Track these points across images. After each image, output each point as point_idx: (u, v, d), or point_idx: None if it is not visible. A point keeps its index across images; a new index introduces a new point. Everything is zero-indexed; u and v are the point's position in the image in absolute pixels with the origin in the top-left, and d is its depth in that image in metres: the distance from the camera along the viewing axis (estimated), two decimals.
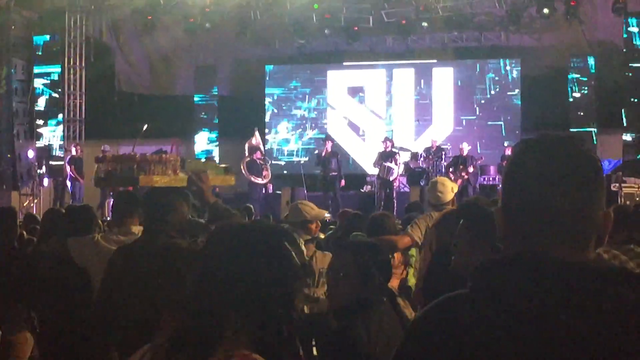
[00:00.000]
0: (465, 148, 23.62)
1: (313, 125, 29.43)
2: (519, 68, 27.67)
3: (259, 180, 23.33)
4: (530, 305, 1.89)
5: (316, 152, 24.76)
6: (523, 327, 1.87)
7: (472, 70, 28.25)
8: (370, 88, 28.80)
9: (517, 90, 27.71)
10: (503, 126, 27.61)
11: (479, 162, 23.60)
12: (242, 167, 23.27)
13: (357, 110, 28.79)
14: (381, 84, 28.76)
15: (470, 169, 22.87)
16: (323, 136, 28.10)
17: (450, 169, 22.99)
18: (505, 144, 25.95)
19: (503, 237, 2.09)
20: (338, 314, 4.37)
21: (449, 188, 8.52)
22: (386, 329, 4.14)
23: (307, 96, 29.55)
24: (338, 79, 29.16)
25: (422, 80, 28.39)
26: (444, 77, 28.28)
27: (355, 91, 28.89)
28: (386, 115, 28.62)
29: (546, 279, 1.91)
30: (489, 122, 27.75)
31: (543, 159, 2.04)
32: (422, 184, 22.81)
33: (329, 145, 23.88)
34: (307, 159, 28.31)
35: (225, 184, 7.35)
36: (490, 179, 24.33)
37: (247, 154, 24.14)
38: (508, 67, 28.00)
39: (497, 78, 27.97)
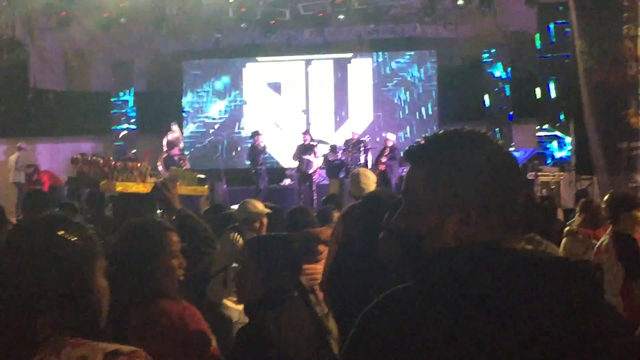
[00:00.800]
0: (390, 138, 23.67)
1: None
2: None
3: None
4: (484, 296, 1.91)
5: (250, 146, 24.61)
6: (476, 319, 1.89)
7: (386, 62, 28.47)
8: (288, 82, 28.78)
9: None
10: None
11: (388, 153, 23.58)
12: (158, 163, 23.09)
13: (275, 104, 28.74)
14: (299, 77, 28.75)
15: (384, 159, 22.93)
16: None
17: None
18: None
19: (456, 231, 2.06)
20: (248, 308, 4.37)
21: (372, 179, 8.55)
22: (296, 324, 4.14)
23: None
24: (255, 73, 29.07)
25: (340, 72, 28.50)
26: (361, 69, 28.40)
27: (273, 85, 28.86)
28: (305, 109, 28.63)
29: (500, 269, 1.94)
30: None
31: (490, 153, 2.09)
32: (341, 176, 22.82)
33: (260, 139, 23.83)
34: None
35: (196, 193, 7.46)
36: None
37: (165, 149, 23.96)
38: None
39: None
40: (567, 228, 10.22)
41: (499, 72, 26.35)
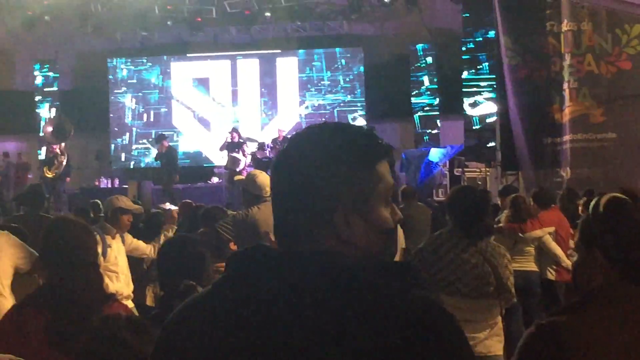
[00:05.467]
0: None
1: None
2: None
3: (47, 174, 22.79)
4: (249, 300, 1.85)
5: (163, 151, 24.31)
6: (248, 324, 1.83)
7: (315, 59, 28.49)
8: (215, 79, 28.68)
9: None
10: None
11: None
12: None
13: (202, 101, 28.63)
14: (226, 74, 28.66)
15: None
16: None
17: None
18: None
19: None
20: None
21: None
22: None
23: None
24: (182, 71, 28.91)
25: (266, 70, 28.48)
26: (288, 67, 28.41)
27: (201, 82, 28.72)
28: (232, 106, 28.56)
29: (258, 272, 1.89)
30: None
31: (286, 151, 2.05)
32: (269, 174, 22.74)
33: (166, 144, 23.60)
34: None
35: None
36: None
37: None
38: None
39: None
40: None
41: (425, 68, 26.54)
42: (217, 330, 1.86)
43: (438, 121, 26.28)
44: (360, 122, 27.24)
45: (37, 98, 28.60)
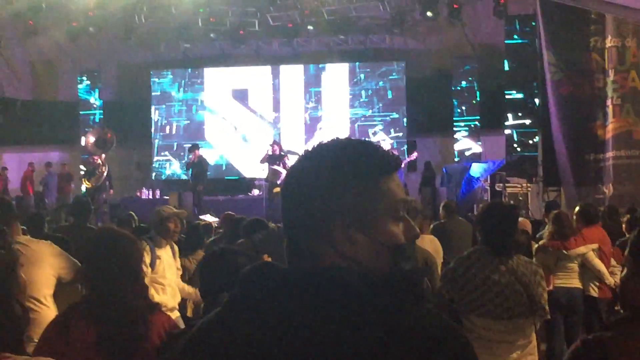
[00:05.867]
0: None
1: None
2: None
3: (87, 185, 22.89)
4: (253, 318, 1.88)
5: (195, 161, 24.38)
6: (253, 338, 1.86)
7: (355, 73, 28.47)
8: (255, 89, 28.73)
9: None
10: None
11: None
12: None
13: (240, 113, 28.69)
14: (267, 84, 28.69)
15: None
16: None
17: None
18: None
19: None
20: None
21: None
22: None
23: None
24: (220, 81, 29.04)
25: (310, 83, 28.48)
26: (332, 79, 28.38)
27: (239, 93, 28.84)
28: (273, 118, 28.60)
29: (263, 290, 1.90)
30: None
31: (292, 167, 2.05)
32: None
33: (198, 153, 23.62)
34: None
35: None
36: None
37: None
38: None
39: None
40: (536, 246, 10.28)
41: (467, 82, 26.46)
42: (225, 352, 1.89)
43: (479, 136, 26.17)
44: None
45: (80, 109, 28.79)
